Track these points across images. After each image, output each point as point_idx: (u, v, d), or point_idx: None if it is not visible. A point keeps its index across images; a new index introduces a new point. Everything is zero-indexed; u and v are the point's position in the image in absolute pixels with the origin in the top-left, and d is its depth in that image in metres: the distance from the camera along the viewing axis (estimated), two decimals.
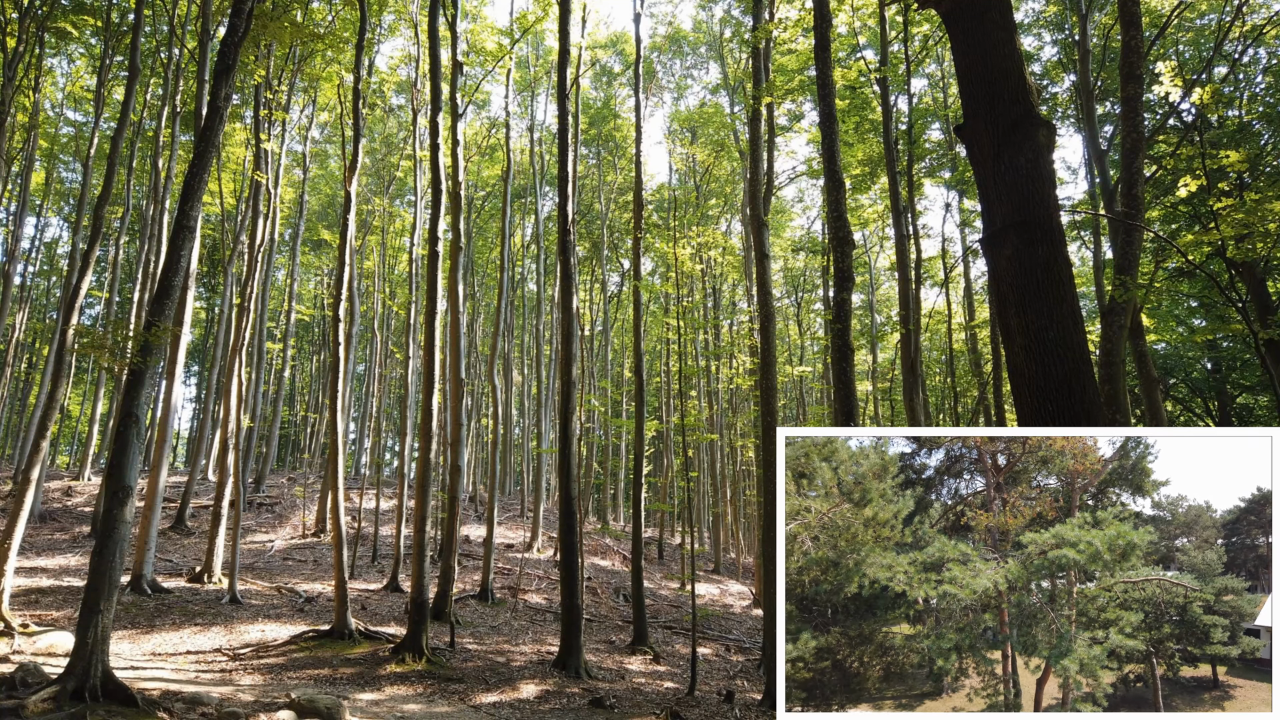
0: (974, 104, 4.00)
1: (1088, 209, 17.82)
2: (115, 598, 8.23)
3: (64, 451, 45.93)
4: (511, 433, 39.04)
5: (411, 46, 24.23)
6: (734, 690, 12.25)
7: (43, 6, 20.36)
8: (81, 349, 10.35)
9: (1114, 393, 9.09)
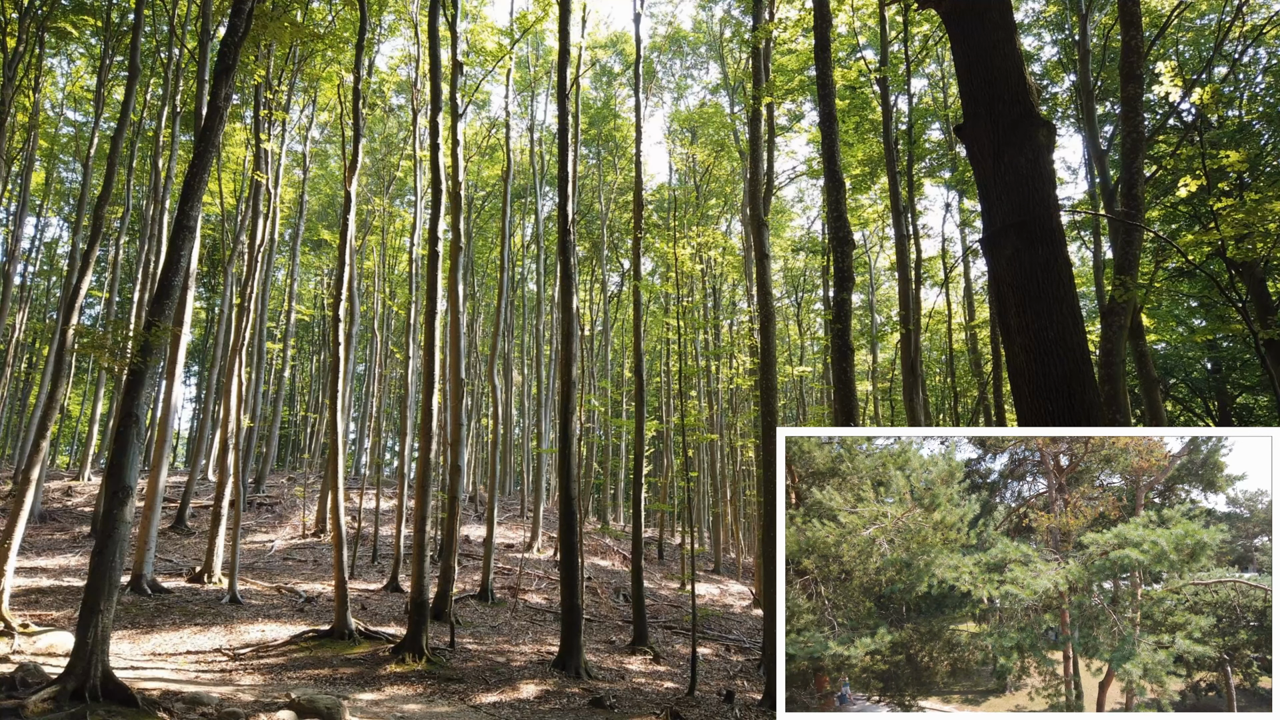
0: (974, 104, 4.00)
1: (1088, 209, 17.82)
2: (115, 598, 8.23)
3: (64, 451, 45.94)
4: (511, 433, 39.04)
5: (411, 46, 24.24)
6: (734, 690, 12.25)
7: (43, 6, 20.36)
8: (81, 349, 10.35)
9: (1114, 393, 9.09)
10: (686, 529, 25.94)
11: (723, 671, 14.79)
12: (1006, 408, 19.80)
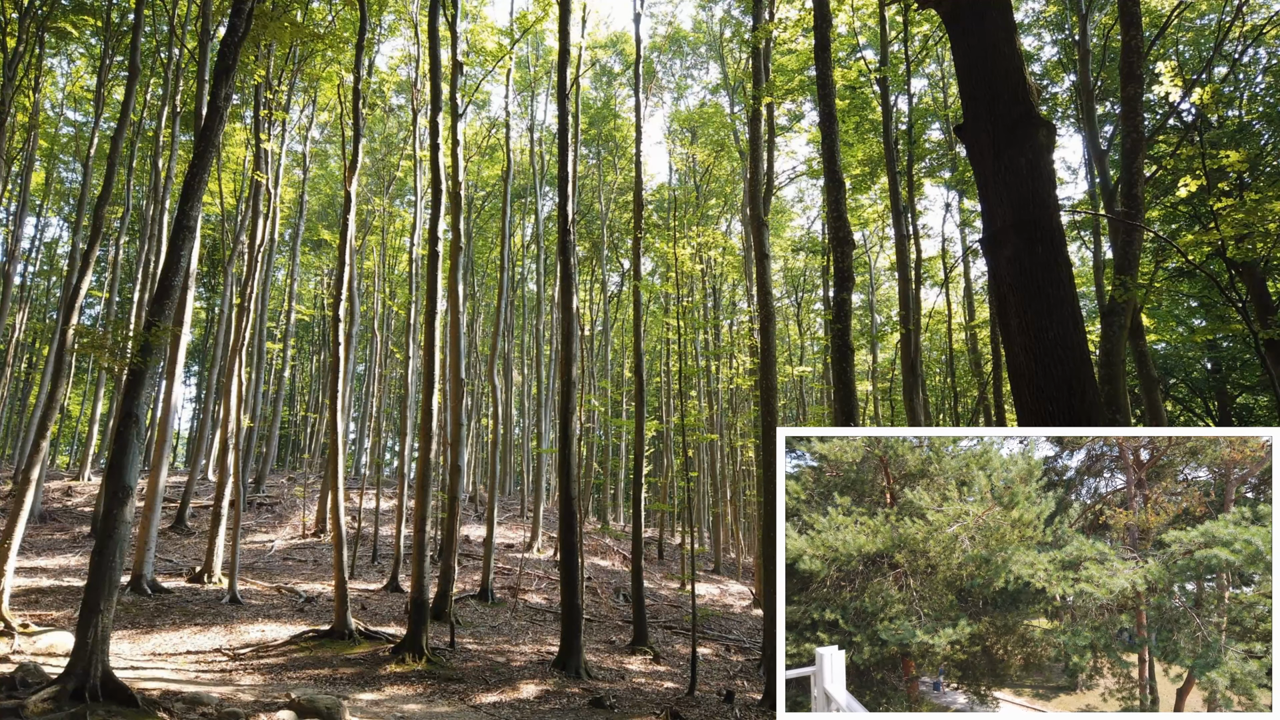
0: (974, 104, 4.00)
1: (1088, 209, 17.82)
2: (115, 598, 8.23)
3: (64, 451, 45.94)
4: (511, 433, 39.04)
5: (411, 46, 24.24)
6: (734, 690, 12.25)
7: (43, 6, 20.36)
8: (81, 349, 10.35)
9: (1114, 393, 9.09)
10: (686, 529, 25.95)
11: (723, 671, 14.79)
12: (1006, 408, 19.79)
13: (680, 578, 26.37)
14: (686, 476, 22.36)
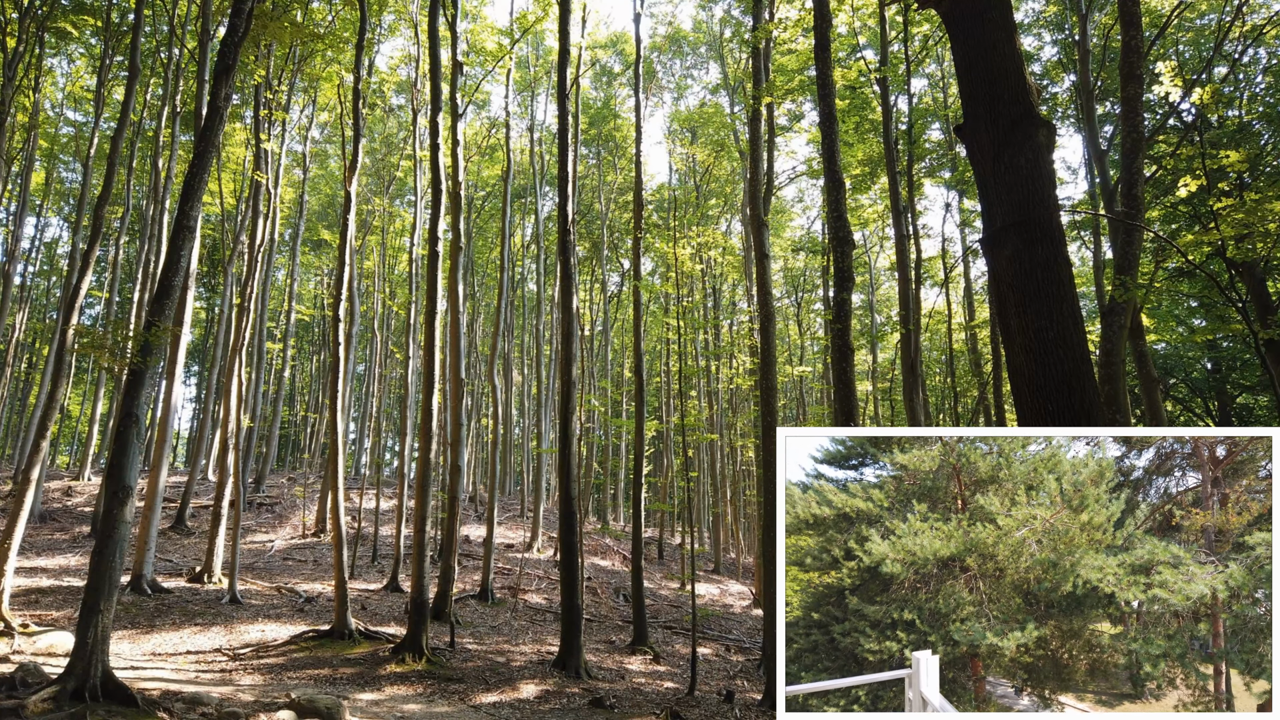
0: (974, 104, 4.00)
1: (1088, 209, 17.82)
2: (115, 598, 8.23)
3: (64, 451, 45.93)
4: (511, 433, 39.03)
5: (411, 46, 24.24)
6: (734, 690, 12.25)
7: (43, 6, 20.36)
8: (81, 349, 10.35)
9: (1114, 393, 9.09)
10: (686, 529, 25.95)
11: (723, 671, 14.79)
12: (1006, 408, 19.80)
13: (680, 578, 26.36)
14: (686, 476, 22.37)
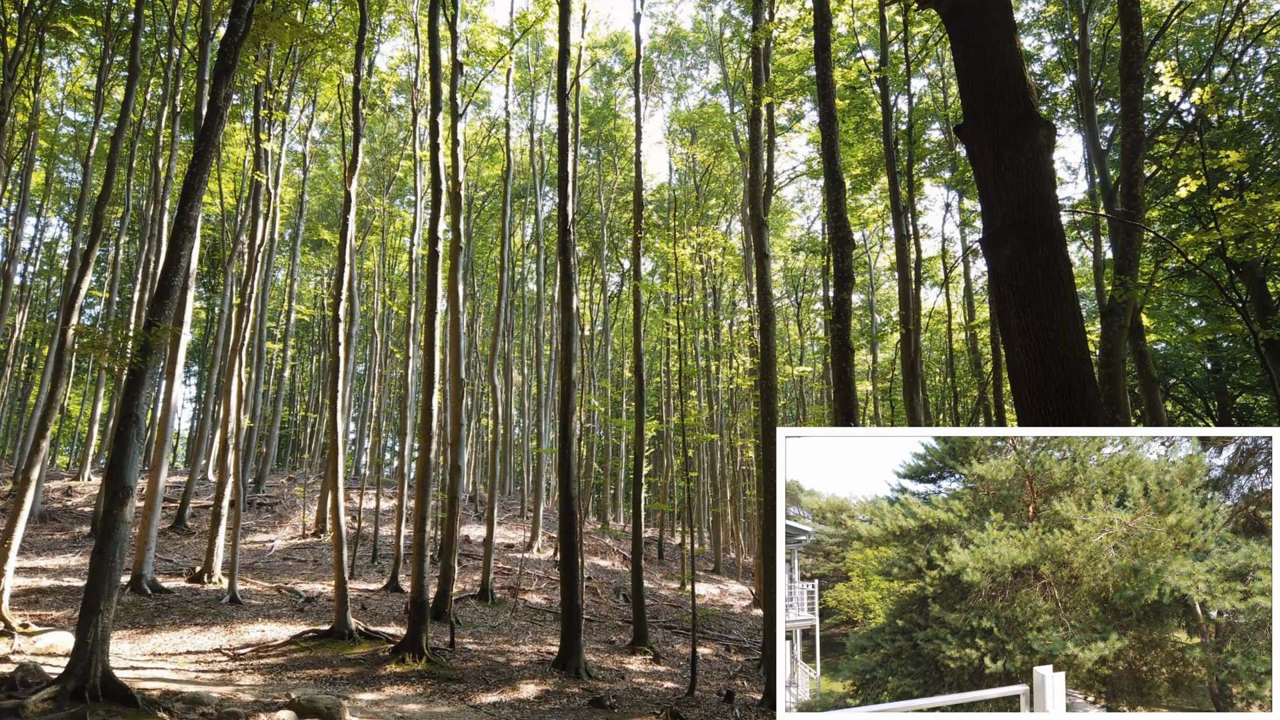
0: (974, 104, 4.00)
1: (1088, 209, 17.82)
2: (115, 598, 8.23)
3: (64, 451, 45.93)
4: (511, 433, 39.04)
5: (411, 46, 24.23)
6: (734, 690, 12.25)
7: (43, 6, 20.36)
8: (81, 349, 10.35)
9: (1114, 393, 9.09)
10: (686, 529, 25.95)
11: (723, 671, 14.79)
12: (1006, 408, 19.80)
13: (680, 578, 26.36)
14: (686, 476, 22.36)
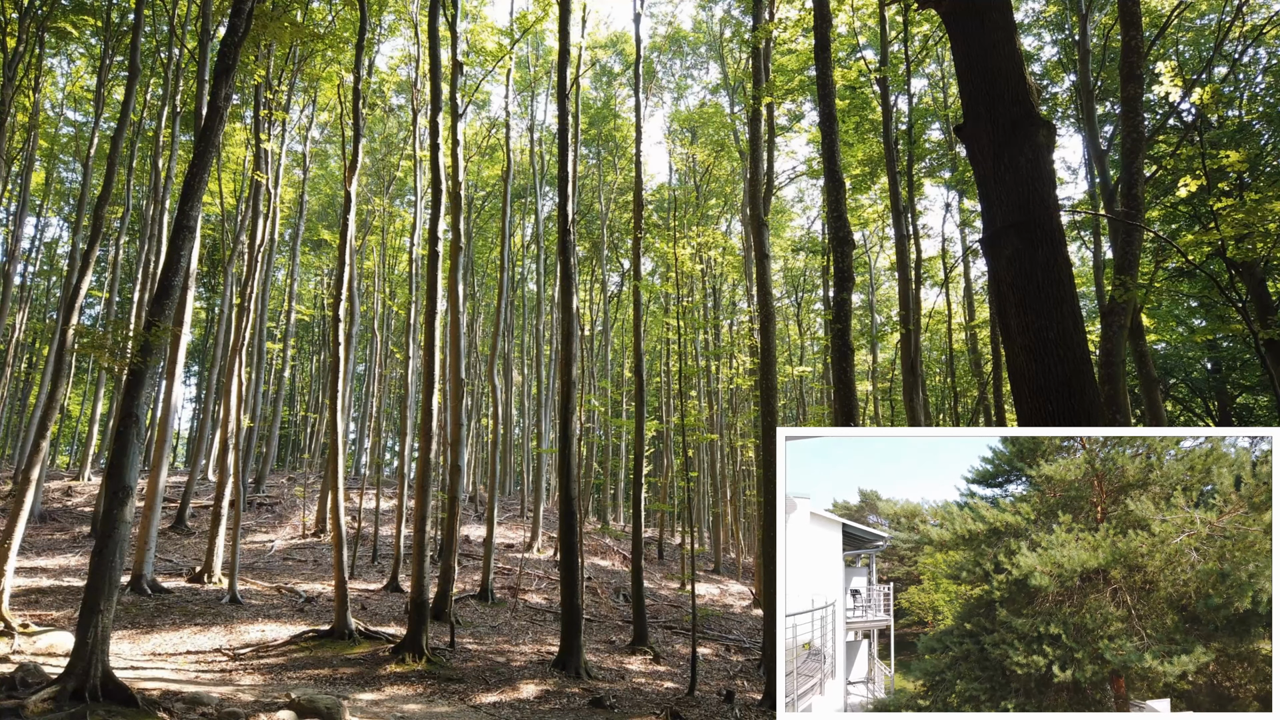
0: (974, 104, 4.00)
1: (1088, 209, 17.82)
2: (115, 598, 8.23)
3: (64, 451, 45.93)
4: (511, 433, 39.04)
5: (411, 46, 24.24)
6: (734, 690, 12.25)
7: (43, 6, 20.36)
8: (81, 349, 10.35)
9: (1114, 393, 9.10)
10: (686, 529, 25.95)
11: (723, 671, 14.79)
12: (1006, 408, 19.80)
13: (680, 578, 26.36)
14: (686, 476, 22.36)
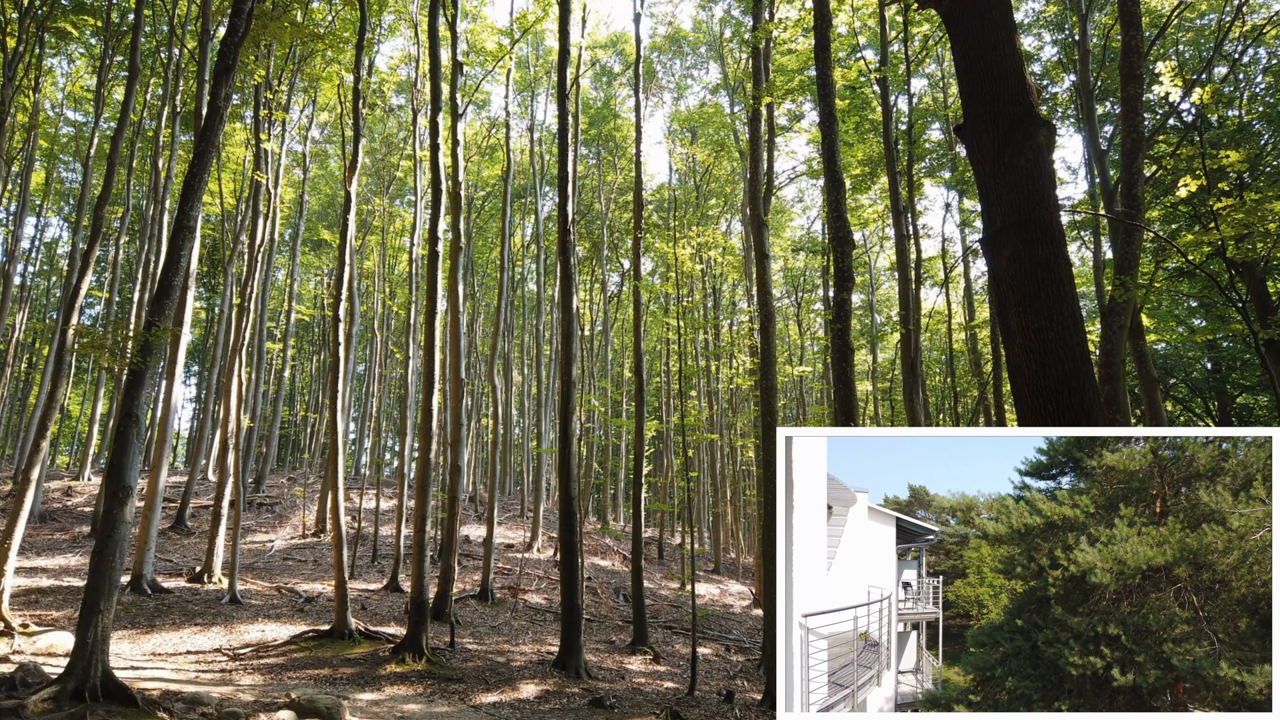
0: (974, 104, 4.00)
1: (1088, 209, 17.82)
2: (115, 598, 8.22)
3: (64, 451, 45.93)
4: (511, 433, 39.03)
5: (411, 46, 24.23)
6: (734, 690, 12.25)
7: (43, 6, 20.36)
8: (81, 349, 10.35)
9: (1114, 393, 9.10)
10: (686, 529, 25.95)
11: (723, 671, 14.79)
12: (1006, 408, 19.80)
13: (680, 578, 26.36)
14: (686, 476, 22.36)
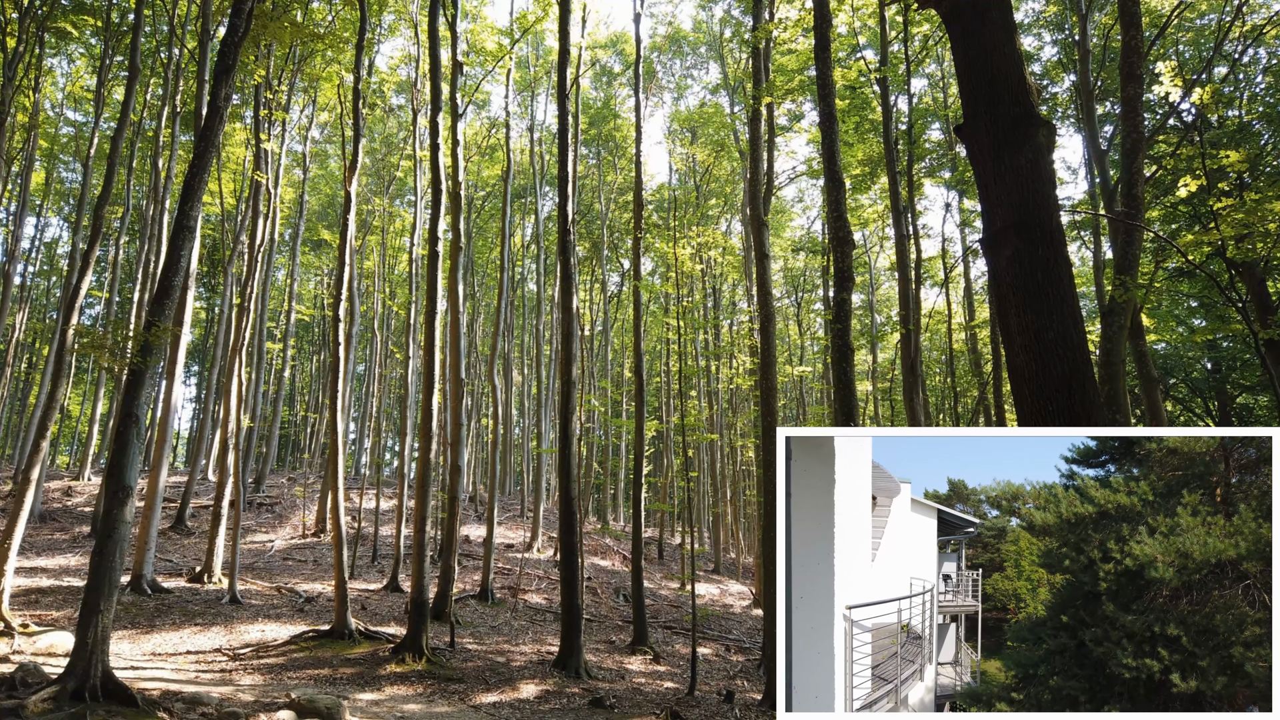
0: (974, 104, 4.00)
1: (1088, 209, 17.82)
2: (115, 598, 8.22)
3: (64, 451, 45.92)
4: (511, 433, 39.03)
5: (411, 46, 24.24)
6: (734, 690, 12.25)
7: (43, 6, 20.35)
8: (81, 349, 10.35)
9: (1114, 393, 9.10)
10: (686, 529, 25.95)
11: (723, 671, 14.79)
12: (1006, 408, 19.80)
13: (680, 578, 26.36)
14: (686, 476, 22.36)
